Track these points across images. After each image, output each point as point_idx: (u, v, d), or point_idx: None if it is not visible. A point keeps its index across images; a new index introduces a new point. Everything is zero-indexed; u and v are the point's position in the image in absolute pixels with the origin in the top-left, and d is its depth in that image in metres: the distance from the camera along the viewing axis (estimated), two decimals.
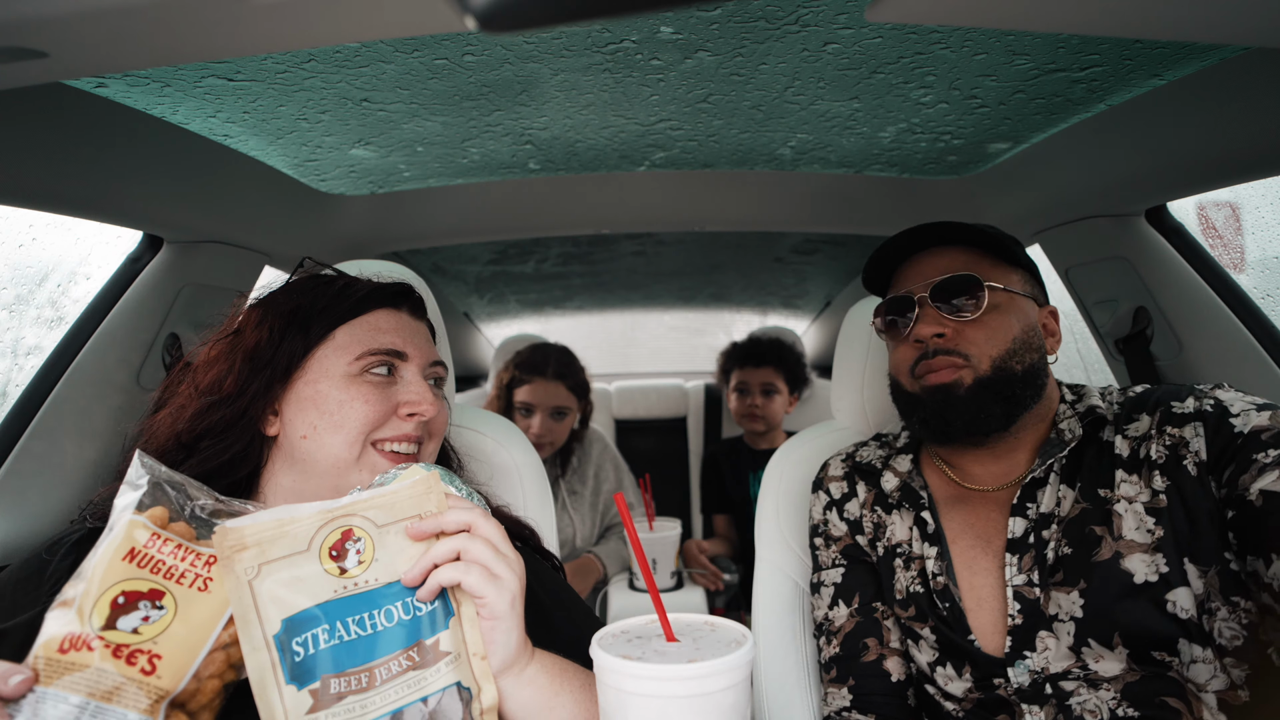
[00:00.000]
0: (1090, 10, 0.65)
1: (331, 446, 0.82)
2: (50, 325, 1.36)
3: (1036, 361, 0.94)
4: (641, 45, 0.98)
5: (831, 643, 1.03)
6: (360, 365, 0.85)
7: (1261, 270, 1.66)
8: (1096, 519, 0.85)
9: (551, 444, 2.08)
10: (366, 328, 0.88)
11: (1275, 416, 0.79)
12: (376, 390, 0.84)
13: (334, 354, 0.85)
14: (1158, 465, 0.84)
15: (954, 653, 0.91)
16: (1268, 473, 0.74)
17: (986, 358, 0.92)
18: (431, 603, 0.64)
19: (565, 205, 1.63)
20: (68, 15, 0.51)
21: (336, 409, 0.82)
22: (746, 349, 2.51)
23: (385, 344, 0.87)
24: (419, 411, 0.85)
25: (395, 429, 0.85)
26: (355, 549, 0.62)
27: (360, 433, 0.82)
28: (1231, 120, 1.03)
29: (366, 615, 0.61)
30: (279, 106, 1.11)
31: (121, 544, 0.58)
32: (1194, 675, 0.77)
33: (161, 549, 0.59)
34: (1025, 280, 0.99)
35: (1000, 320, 0.93)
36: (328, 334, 0.87)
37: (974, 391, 0.91)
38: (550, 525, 1.20)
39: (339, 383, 0.84)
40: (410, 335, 0.90)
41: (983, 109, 1.20)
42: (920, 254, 1.02)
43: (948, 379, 0.92)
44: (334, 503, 0.63)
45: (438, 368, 0.94)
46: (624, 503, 0.71)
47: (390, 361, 0.87)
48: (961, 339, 0.93)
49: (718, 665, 0.56)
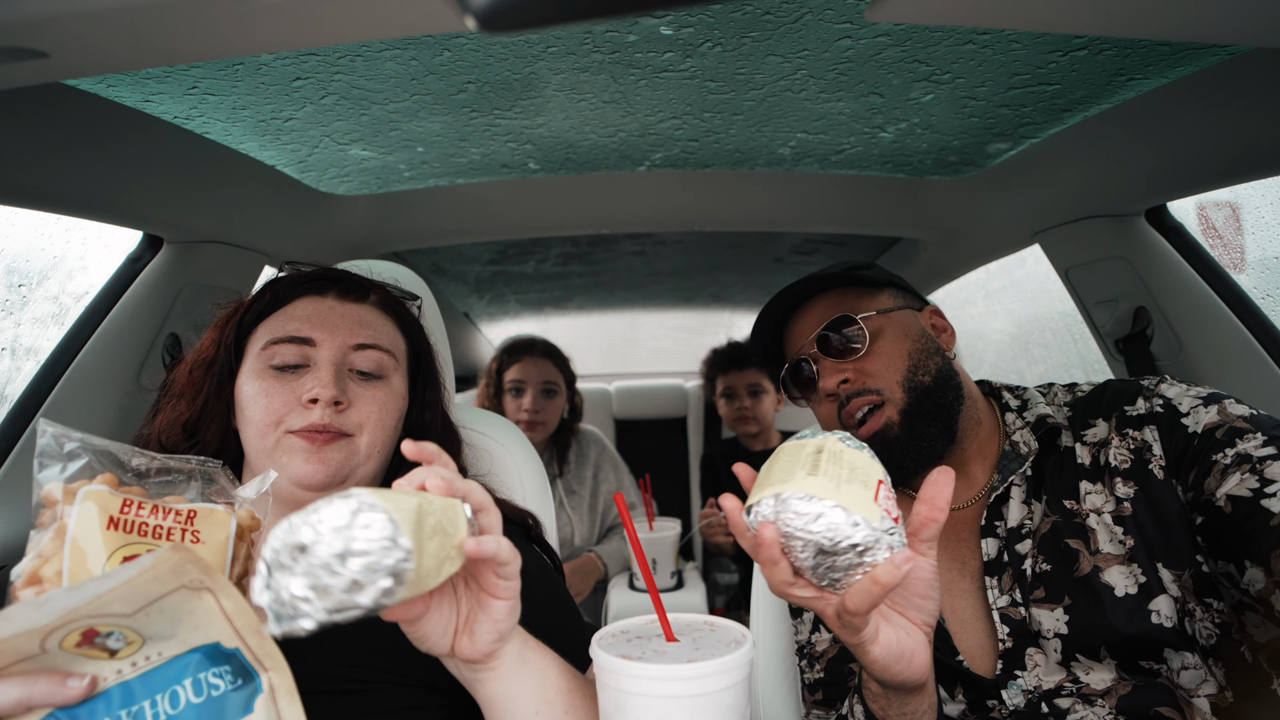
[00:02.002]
0: (1090, 10, 0.65)
1: (250, 439, 0.82)
2: (47, 322, 1.36)
3: (941, 364, 0.94)
4: (641, 45, 0.98)
5: (815, 666, 1.00)
6: (266, 357, 0.83)
7: (1261, 270, 1.66)
8: (1070, 532, 0.84)
9: (544, 425, 2.09)
10: (282, 318, 0.86)
11: (1223, 410, 0.78)
12: (279, 382, 0.82)
13: (254, 349, 0.85)
14: (1120, 471, 0.83)
15: (944, 675, 0.89)
16: (1230, 476, 0.73)
17: (895, 385, 0.92)
18: (235, 679, 0.52)
19: (565, 205, 1.63)
20: (68, 15, 0.51)
21: (247, 403, 0.82)
22: (728, 354, 2.52)
23: (288, 331, 0.84)
24: (314, 395, 0.80)
25: (302, 419, 0.80)
26: (111, 639, 0.51)
27: (264, 425, 0.81)
28: (1231, 120, 1.03)
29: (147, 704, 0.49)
30: (279, 106, 1.11)
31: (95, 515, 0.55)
32: (1184, 682, 0.77)
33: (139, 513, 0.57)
34: (894, 295, 1.01)
35: (889, 344, 0.94)
36: (253, 329, 0.87)
37: (906, 425, 0.90)
38: (550, 525, 1.20)
39: (252, 377, 0.83)
40: (326, 319, 0.86)
41: (983, 109, 1.20)
42: (792, 316, 1.03)
43: (878, 425, 0.91)
44: (55, 608, 0.48)
45: (369, 352, 0.87)
46: (624, 503, 0.71)
47: (300, 349, 0.83)
48: (865, 376, 0.93)
49: (717, 665, 0.56)
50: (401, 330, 0.95)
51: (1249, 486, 0.72)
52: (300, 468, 0.79)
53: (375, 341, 0.88)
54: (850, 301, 0.98)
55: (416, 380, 0.96)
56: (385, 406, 0.86)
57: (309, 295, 0.88)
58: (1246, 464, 0.73)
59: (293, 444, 0.80)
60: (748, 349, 2.47)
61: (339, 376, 0.83)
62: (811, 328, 0.98)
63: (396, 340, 0.93)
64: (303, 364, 0.83)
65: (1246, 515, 0.71)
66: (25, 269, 1.39)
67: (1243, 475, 0.73)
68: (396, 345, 0.92)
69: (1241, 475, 0.73)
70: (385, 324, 0.92)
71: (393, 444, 0.89)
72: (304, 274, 0.91)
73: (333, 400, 0.81)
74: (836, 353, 0.95)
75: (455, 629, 0.62)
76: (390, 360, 0.89)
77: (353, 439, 0.83)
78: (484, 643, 0.61)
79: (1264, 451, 0.73)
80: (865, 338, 0.94)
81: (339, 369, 0.83)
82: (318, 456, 0.80)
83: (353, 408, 0.84)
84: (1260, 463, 0.72)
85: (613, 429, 3.18)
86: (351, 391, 0.84)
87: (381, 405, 0.86)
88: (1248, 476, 0.72)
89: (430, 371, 0.99)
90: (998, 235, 1.61)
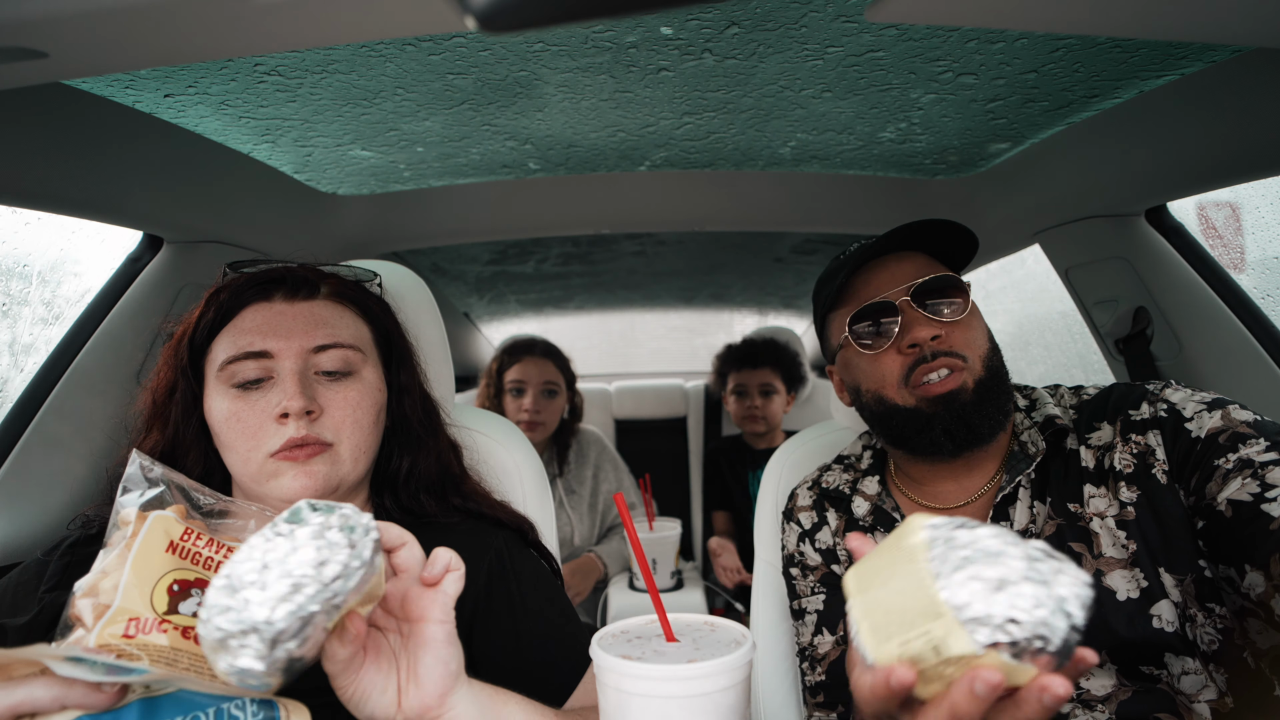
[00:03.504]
0: (1090, 10, 0.65)
1: (235, 464, 0.79)
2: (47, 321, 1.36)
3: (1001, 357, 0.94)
4: (642, 45, 0.98)
5: (816, 669, 1.00)
6: (226, 377, 0.78)
7: (1261, 270, 1.66)
8: (1073, 536, 0.84)
9: (544, 426, 2.09)
10: (234, 332, 0.80)
11: (1227, 415, 0.78)
12: (246, 403, 0.77)
13: (211, 369, 0.80)
14: (1124, 475, 0.83)
15: None
16: (1232, 480, 0.73)
17: (978, 358, 0.89)
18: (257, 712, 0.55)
19: (565, 205, 1.63)
20: (68, 15, 0.51)
21: (222, 428, 0.78)
22: (742, 351, 2.50)
23: (241, 347, 0.79)
24: (284, 410, 0.76)
25: (279, 437, 0.76)
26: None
27: (245, 451, 0.77)
28: (1231, 120, 1.03)
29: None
30: (279, 106, 1.11)
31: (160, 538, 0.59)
32: (1184, 687, 0.76)
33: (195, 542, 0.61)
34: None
35: (979, 321, 0.93)
36: (207, 347, 0.82)
37: (978, 395, 0.87)
38: (550, 525, 1.20)
39: (219, 399, 0.79)
40: (278, 326, 0.80)
41: (983, 109, 1.20)
42: (877, 262, 0.97)
43: (954, 384, 0.87)
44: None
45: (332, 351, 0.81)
46: (624, 503, 0.71)
47: (259, 364, 0.78)
48: (954, 340, 0.89)
49: (717, 665, 0.56)
50: (364, 317, 0.89)
51: (1250, 491, 0.72)
52: (290, 485, 0.77)
53: (335, 340, 0.82)
54: (944, 267, 0.94)
55: (390, 365, 0.91)
56: (359, 406, 0.82)
57: (255, 302, 0.83)
58: (1248, 469, 0.73)
59: (278, 466, 0.77)
60: (762, 349, 2.46)
61: (304, 385, 0.78)
62: (907, 276, 0.92)
63: (360, 330, 0.87)
64: (265, 377, 0.79)
65: (1247, 520, 0.71)
66: (25, 269, 1.39)
67: (1244, 480, 0.72)
68: (360, 336, 0.86)
69: (1243, 480, 0.72)
70: (343, 316, 0.86)
71: (377, 440, 0.86)
72: (245, 279, 0.84)
73: (303, 411, 0.76)
74: (932, 309, 0.91)
75: (398, 684, 0.59)
76: (356, 355, 0.84)
77: (333, 449, 0.79)
78: (433, 683, 0.58)
79: (1266, 457, 0.73)
80: (967, 306, 0.91)
81: (303, 376, 0.78)
82: (305, 471, 0.77)
83: (326, 413, 0.79)
84: (1262, 468, 0.72)
85: (613, 429, 3.18)
86: (322, 396, 0.80)
87: (355, 405, 0.81)
88: (1249, 481, 0.72)
89: (403, 353, 0.93)
90: (998, 235, 1.61)
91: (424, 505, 0.90)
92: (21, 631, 0.68)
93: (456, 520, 0.91)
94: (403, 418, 0.91)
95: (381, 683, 0.58)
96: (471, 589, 0.81)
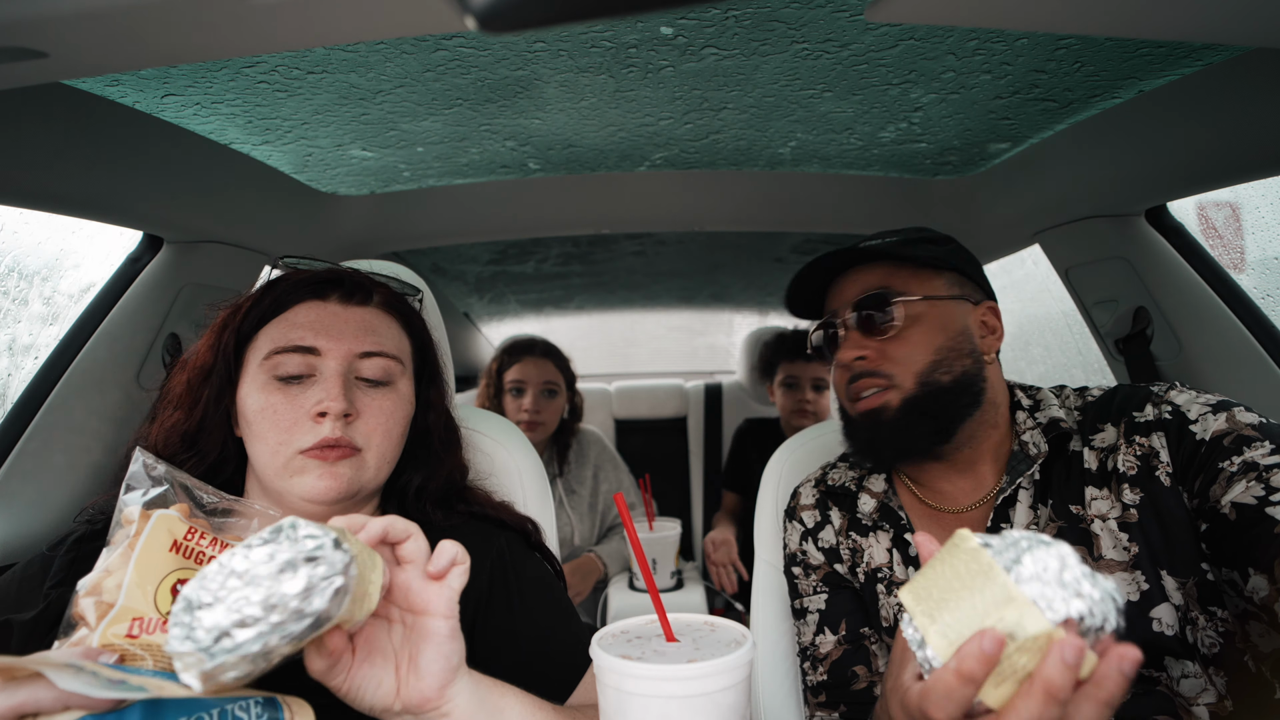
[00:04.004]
0: (1089, 10, 0.65)
1: (261, 455, 0.79)
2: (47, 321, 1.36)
3: (969, 368, 0.90)
4: (642, 45, 0.98)
5: (818, 669, 0.99)
6: (269, 367, 0.79)
7: (1261, 270, 1.66)
8: (1074, 538, 0.83)
9: (544, 426, 2.09)
10: (284, 325, 0.82)
11: (1232, 418, 0.78)
12: (285, 396, 0.78)
13: (255, 357, 0.81)
14: (1128, 478, 0.82)
15: None
16: (1236, 483, 0.73)
17: (910, 375, 0.89)
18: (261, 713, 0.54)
19: (565, 205, 1.63)
20: (68, 15, 0.51)
21: (255, 418, 0.78)
22: (797, 340, 2.35)
23: (291, 340, 0.80)
24: (323, 409, 0.77)
25: (312, 435, 0.77)
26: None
27: (276, 443, 0.77)
28: (1231, 120, 1.03)
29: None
30: (279, 106, 1.11)
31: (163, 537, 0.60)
32: (1184, 690, 0.76)
33: (199, 541, 0.61)
34: (953, 282, 0.95)
35: (922, 333, 0.90)
36: (253, 336, 0.83)
37: (901, 413, 0.89)
38: (550, 526, 1.20)
39: (256, 389, 0.79)
40: (330, 326, 0.82)
41: (983, 109, 1.20)
42: (845, 272, 0.99)
43: (876, 404, 0.90)
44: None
45: (376, 359, 0.84)
46: (624, 503, 0.71)
47: (304, 359, 0.80)
48: (884, 359, 0.91)
49: (717, 665, 0.56)
50: (406, 330, 0.92)
51: (1254, 494, 0.71)
52: (314, 485, 0.77)
53: (381, 348, 0.84)
54: (902, 277, 0.93)
55: (421, 380, 0.93)
56: (393, 416, 0.84)
57: (311, 300, 0.85)
58: (1253, 471, 0.73)
59: (305, 464, 0.78)
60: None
61: (347, 387, 0.80)
62: (852, 294, 0.95)
63: (402, 343, 0.90)
64: (308, 374, 0.80)
65: (1251, 522, 0.71)
66: (23, 268, 1.39)
67: (1248, 483, 0.72)
68: (402, 349, 0.89)
69: (1247, 483, 0.72)
70: (390, 327, 0.89)
71: (399, 451, 0.87)
72: (305, 276, 0.87)
73: (342, 413, 0.78)
74: (865, 327, 0.93)
75: (397, 675, 0.59)
76: (397, 366, 0.86)
77: (361, 454, 0.80)
78: (433, 676, 0.58)
79: (1271, 460, 0.72)
80: (897, 321, 0.91)
81: (346, 379, 0.80)
82: (330, 472, 0.78)
83: (361, 418, 0.81)
84: (1267, 470, 0.72)
85: (612, 429, 3.18)
86: (360, 401, 0.81)
87: (389, 415, 0.83)
88: (1253, 484, 0.72)
89: (434, 370, 0.96)
90: (998, 235, 1.61)
91: (430, 516, 0.91)
92: (27, 626, 0.68)
93: (460, 521, 0.92)
94: (425, 432, 0.92)
95: (376, 676, 0.58)
96: (473, 589, 0.81)
